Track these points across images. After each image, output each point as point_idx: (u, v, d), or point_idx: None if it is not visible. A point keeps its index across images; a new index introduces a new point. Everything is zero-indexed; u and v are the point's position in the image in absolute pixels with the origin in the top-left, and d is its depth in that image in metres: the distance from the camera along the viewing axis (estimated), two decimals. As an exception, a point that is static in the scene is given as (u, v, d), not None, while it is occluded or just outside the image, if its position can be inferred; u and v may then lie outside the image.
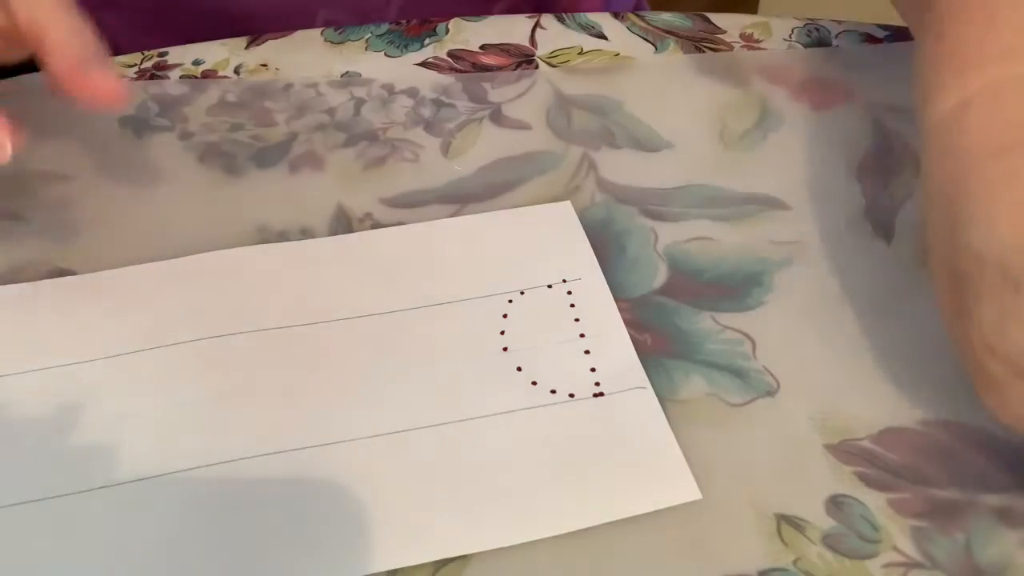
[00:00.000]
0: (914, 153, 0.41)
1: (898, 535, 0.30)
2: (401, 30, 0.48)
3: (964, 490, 0.31)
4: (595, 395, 0.33)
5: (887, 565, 0.29)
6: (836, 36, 0.47)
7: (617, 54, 0.46)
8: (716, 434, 0.32)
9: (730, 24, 0.48)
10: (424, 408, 0.32)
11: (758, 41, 0.47)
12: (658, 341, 0.35)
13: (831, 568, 0.29)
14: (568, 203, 0.39)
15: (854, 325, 0.35)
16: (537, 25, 0.48)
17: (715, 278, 0.37)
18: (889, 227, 0.38)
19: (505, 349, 0.34)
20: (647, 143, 0.42)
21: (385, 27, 0.48)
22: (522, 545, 0.29)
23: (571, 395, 0.33)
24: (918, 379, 0.33)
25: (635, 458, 0.31)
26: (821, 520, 0.30)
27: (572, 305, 0.35)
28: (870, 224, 0.38)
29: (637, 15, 0.48)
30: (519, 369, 0.34)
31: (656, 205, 0.39)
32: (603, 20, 0.48)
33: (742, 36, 0.47)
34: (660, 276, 0.37)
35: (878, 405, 0.33)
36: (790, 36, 0.47)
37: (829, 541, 0.29)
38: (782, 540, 0.29)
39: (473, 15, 0.48)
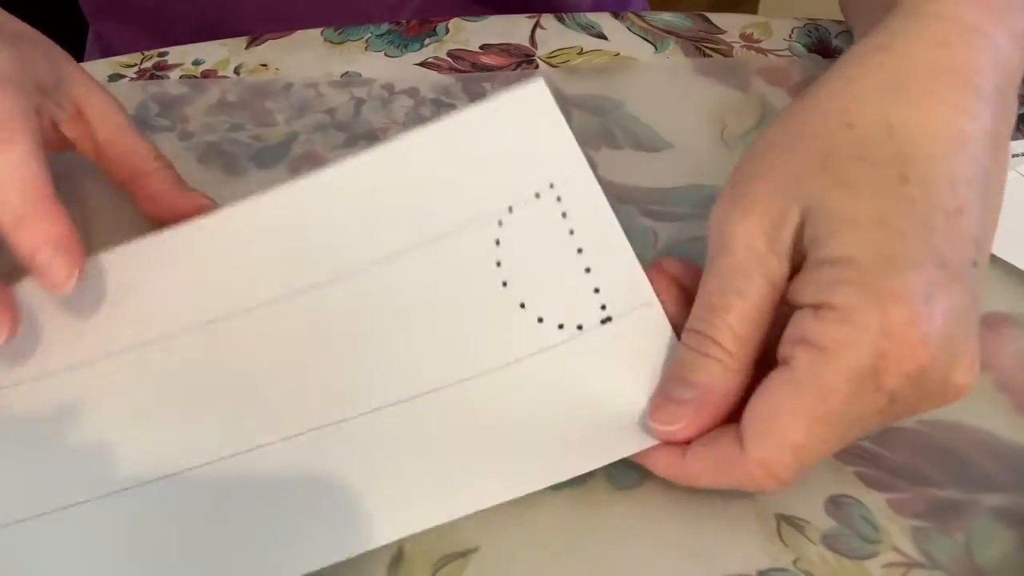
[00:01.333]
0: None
1: (898, 535, 0.30)
2: (401, 30, 0.48)
3: (964, 490, 0.31)
4: (603, 321, 0.32)
5: (887, 565, 0.29)
6: (836, 36, 0.47)
7: (617, 54, 0.46)
8: (716, 434, 0.32)
9: (730, 24, 0.48)
10: (431, 370, 0.32)
11: (758, 41, 0.47)
12: (658, 341, 0.35)
13: (831, 568, 0.29)
14: (541, 81, 0.35)
15: (854, 325, 0.35)
16: (537, 25, 0.48)
17: (715, 278, 0.37)
18: (889, 227, 0.38)
19: (505, 284, 0.33)
20: (647, 143, 0.42)
21: (385, 27, 0.48)
22: (522, 546, 0.29)
23: (579, 327, 0.32)
24: (918, 379, 0.33)
25: (645, 394, 0.30)
26: (821, 520, 0.30)
27: (564, 215, 0.34)
28: (870, 224, 0.38)
29: (637, 15, 0.49)
30: (522, 306, 0.32)
31: (656, 205, 0.39)
32: (603, 20, 0.48)
33: (742, 36, 0.47)
34: (660, 276, 0.37)
35: (878, 405, 0.33)
36: (790, 36, 0.47)
37: (829, 541, 0.29)
38: (782, 540, 0.29)
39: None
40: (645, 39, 0.47)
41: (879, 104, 0.28)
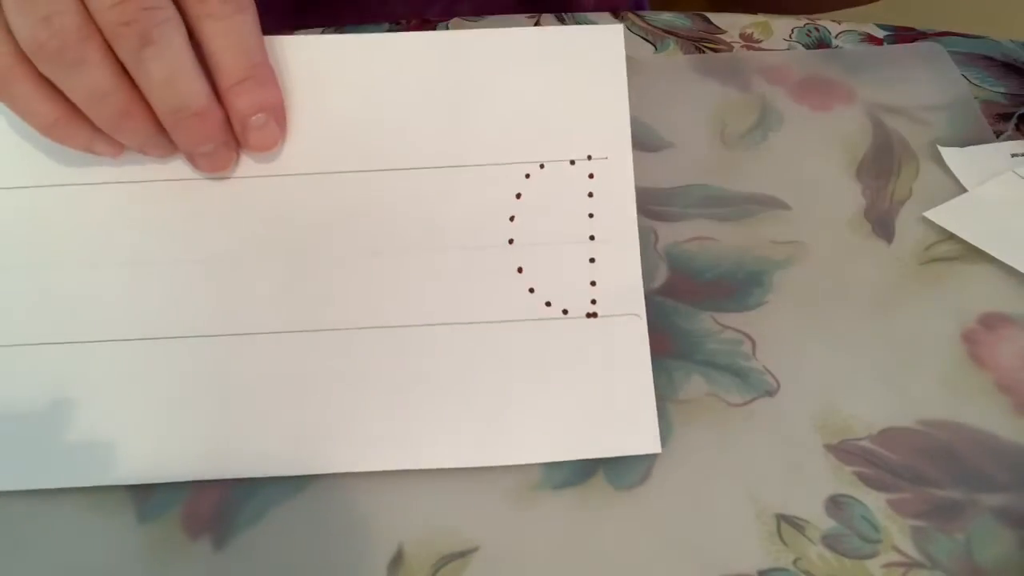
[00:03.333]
0: (914, 153, 0.41)
1: (898, 535, 0.30)
2: (401, 30, 0.48)
3: (964, 490, 0.31)
4: (588, 315, 0.32)
5: (887, 565, 0.29)
6: (836, 36, 0.47)
7: (617, 54, 0.46)
8: (716, 434, 0.32)
9: (730, 24, 0.48)
10: (420, 303, 0.32)
11: (758, 41, 0.47)
12: (658, 341, 0.35)
13: (831, 568, 0.29)
14: (620, 28, 0.35)
15: (854, 325, 0.35)
16: (537, 24, 0.48)
17: (715, 278, 0.37)
18: (889, 227, 0.38)
19: (511, 242, 0.33)
20: (647, 143, 0.42)
21: (385, 27, 0.48)
22: (522, 546, 0.29)
23: (565, 311, 0.33)
24: (918, 379, 0.33)
25: (607, 396, 0.31)
26: (821, 520, 0.30)
27: (590, 195, 0.34)
28: (870, 224, 0.38)
29: (637, 15, 0.49)
30: (520, 271, 0.33)
31: (656, 205, 0.39)
32: (602, 20, 0.48)
33: (742, 36, 0.47)
34: (660, 276, 0.37)
35: (878, 405, 0.33)
36: (790, 36, 0.47)
37: (829, 541, 0.29)
38: (782, 540, 0.29)
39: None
40: (645, 39, 0.47)
41: None
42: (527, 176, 0.33)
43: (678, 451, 0.32)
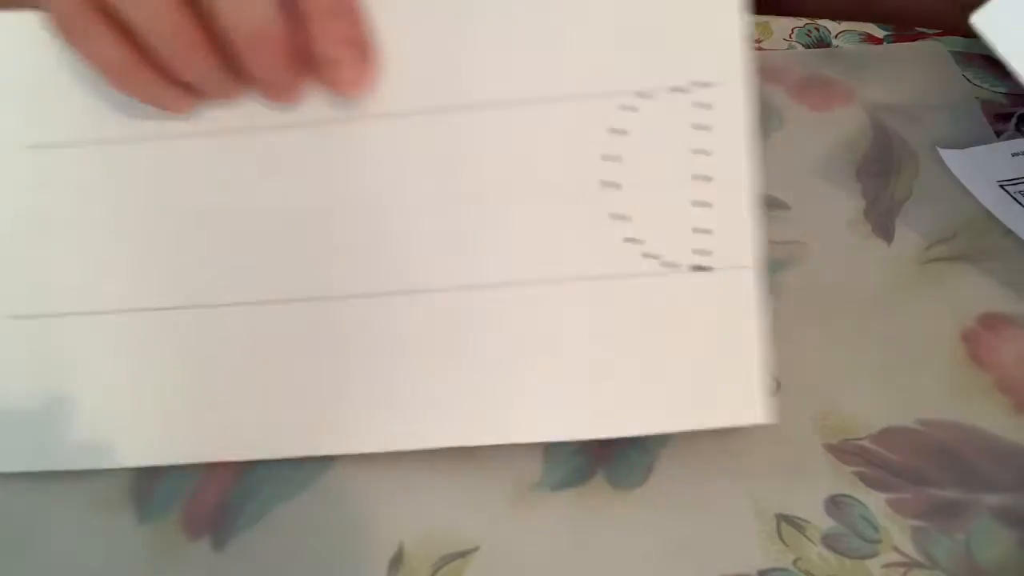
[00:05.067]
0: (914, 153, 0.41)
1: (898, 535, 0.30)
2: None
3: (964, 490, 0.31)
4: (695, 267, 0.29)
5: (887, 565, 0.29)
6: (836, 36, 0.47)
7: (617, 54, 0.46)
8: (716, 434, 0.32)
9: (730, 24, 0.48)
10: (504, 259, 0.29)
11: (758, 41, 0.47)
12: (658, 341, 0.34)
13: (831, 568, 0.29)
14: None
15: (854, 325, 0.35)
16: None
17: (715, 278, 0.36)
18: (889, 227, 0.38)
19: (603, 184, 0.29)
20: (647, 143, 0.42)
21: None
22: (522, 546, 0.29)
23: (667, 264, 0.29)
24: (918, 379, 0.33)
25: (711, 362, 0.29)
26: (821, 520, 0.30)
27: (696, 127, 0.29)
28: (870, 224, 0.38)
29: (637, 15, 0.48)
30: (614, 217, 0.29)
31: (656, 205, 0.39)
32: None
33: (742, 36, 0.47)
34: (660, 276, 0.37)
35: (878, 405, 0.33)
36: (790, 36, 0.47)
37: (829, 541, 0.30)
38: (782, 540, 0.30)
39: None
40: (645, 39, 0.47)
41: None
42: (623, 107, 0.28)
43: (678, 451, 0.32)
